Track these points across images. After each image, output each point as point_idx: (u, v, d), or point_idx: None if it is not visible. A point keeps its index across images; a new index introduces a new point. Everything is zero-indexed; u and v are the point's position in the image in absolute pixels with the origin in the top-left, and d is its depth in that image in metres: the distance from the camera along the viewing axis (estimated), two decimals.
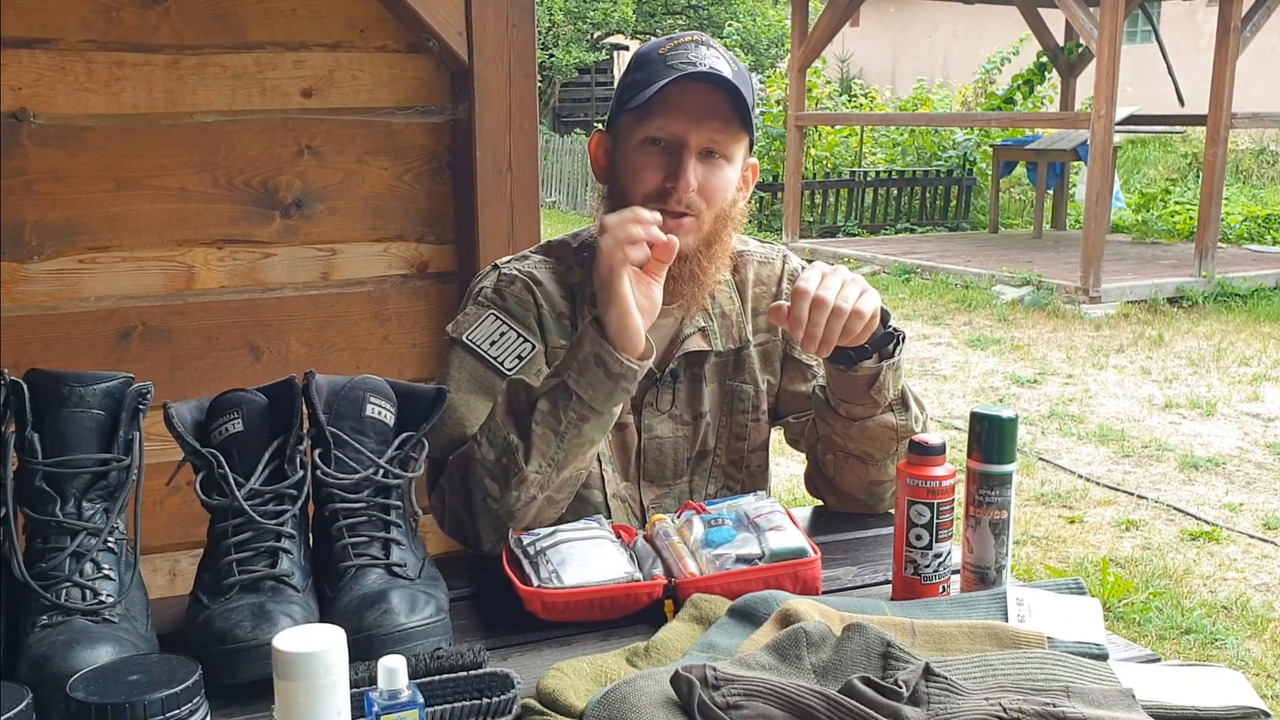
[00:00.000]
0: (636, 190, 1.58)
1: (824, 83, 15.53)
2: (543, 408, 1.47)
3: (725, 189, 1.59)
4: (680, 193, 1.55)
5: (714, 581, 1.31)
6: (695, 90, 1.53)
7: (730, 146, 1.58)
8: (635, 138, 1.59)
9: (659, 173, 1.56)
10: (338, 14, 2.24)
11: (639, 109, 1.55)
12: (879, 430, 1.59)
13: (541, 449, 1.47)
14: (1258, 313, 8.56)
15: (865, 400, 1.56)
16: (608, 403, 1.48)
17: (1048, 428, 5.93)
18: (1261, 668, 3.45)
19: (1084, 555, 4.29)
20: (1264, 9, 9.04)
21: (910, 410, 1.60)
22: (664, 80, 1.52)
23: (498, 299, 1.65)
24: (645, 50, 1.62)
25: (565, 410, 1.46)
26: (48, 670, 1.08)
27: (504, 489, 1.48)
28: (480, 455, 1.50)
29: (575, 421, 1.47)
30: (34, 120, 2.06)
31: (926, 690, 1.01)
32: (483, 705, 1.08)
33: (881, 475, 1.64)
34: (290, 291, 2.28)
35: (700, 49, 1.57)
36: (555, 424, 1.47)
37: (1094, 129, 8.61)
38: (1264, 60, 14.17)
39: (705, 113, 1.54)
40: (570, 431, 1.47)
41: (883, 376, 1.54)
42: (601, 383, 1.46)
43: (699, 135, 1.55)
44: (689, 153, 1.55)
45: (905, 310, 8.83)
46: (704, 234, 1.59)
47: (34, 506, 1.19)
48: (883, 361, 1.54)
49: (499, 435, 1.49)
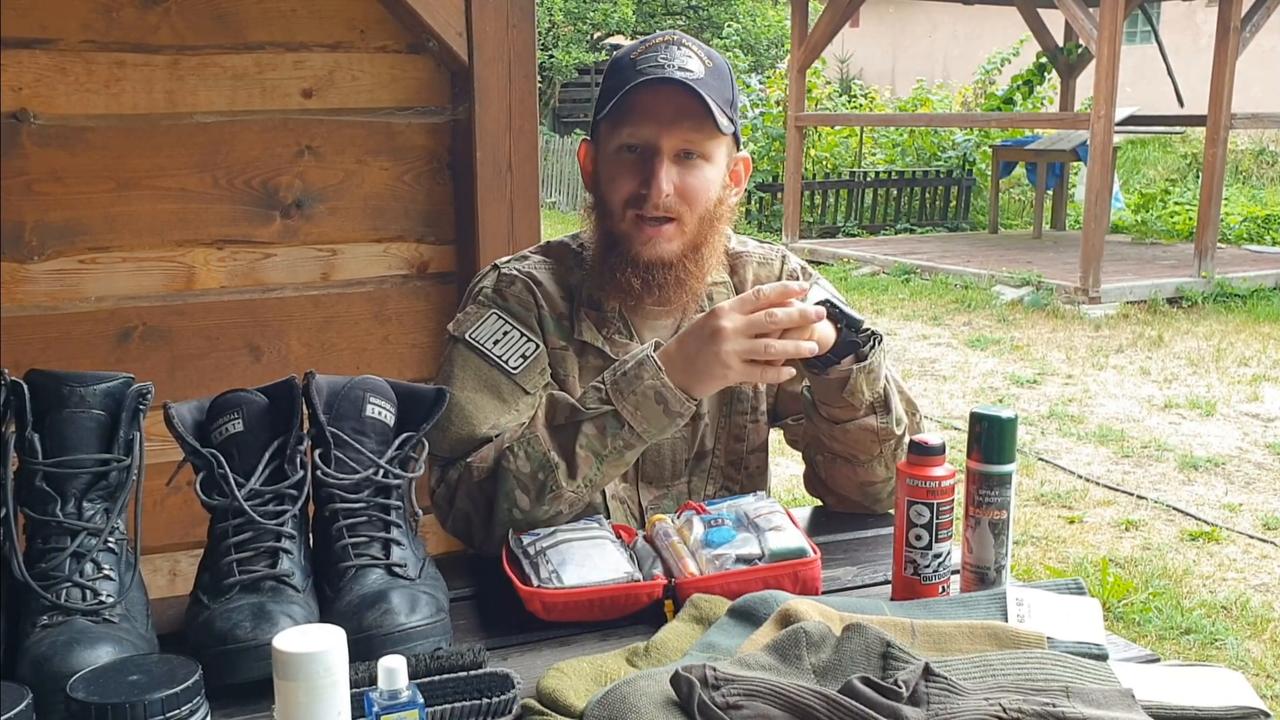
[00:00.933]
0: (615, 198, 1.58)
1: (824, 83, 15.52)
2: (588, 431, 1.47)
3: (705, 189, 1.58)
4: (654, 198, 1.54)
5: (714, 582, 1.31)
6: (663, 94, 1.53)
7: (706, 145, 1.57)
8: (611, 146, 1.59)
9: (634, 180, 1.56)
10: (338, 14, 2.24)
11: (611, 117, 1.56)
12: (860, 433, 1.58)
13: (584, 471, 1.49)
14: (1257, 313, 8.56)
15: (841, 403, 1.56)
16: (660, 435, 1.50)
17: (1047, 428, 5.93)
18: (1261, 668, 3.45)
19: (1084, 555, 4.29)
20: (1263, 9, 9.04)
21: (892, 413, 1.58)
22: (628, 86, 1.52)
23: (499, 299, 1.65)
24: (619, 56, 1.62)
25: (614, 437, 1.47)
26: (48, 670, 1.08)
27: (536, 503, 1.49)
28: (515, 468, 1.49)
29: (621, 449, 1.49)
30: (34, 120, 2.06)
31: (926, 690, 1.02)
32: (483, 705, 1.08)
33: (870, 476, 1.64)
34: (290, 292, 2.28)
35: (671, 49, 1.56)
36: (600, 448, 1.48)
37: (1093, 129, 8.62)
38: (1263, 60, 14.18)
39: (675, 116, 1.53)
40: (613, 456, 1.49)
41: (854, 380, 1.53)
42: (658, 418, 1.47)
43: (671, 139, 1.54)
44: (661, 158, 1.54)
45: (905, 310, 8.83)
46: (688, 237, 1.58)
47: (34, 507, 1.19)
48: (854, 365, 1.53)
49: (538, 451, 1.49)
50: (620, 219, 1.59)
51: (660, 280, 1.57)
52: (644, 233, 1.56)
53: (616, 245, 1.59)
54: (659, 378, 1.46)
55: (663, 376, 1.46)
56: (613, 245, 1.60)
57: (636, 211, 1.56)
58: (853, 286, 9.74)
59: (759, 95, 14.65)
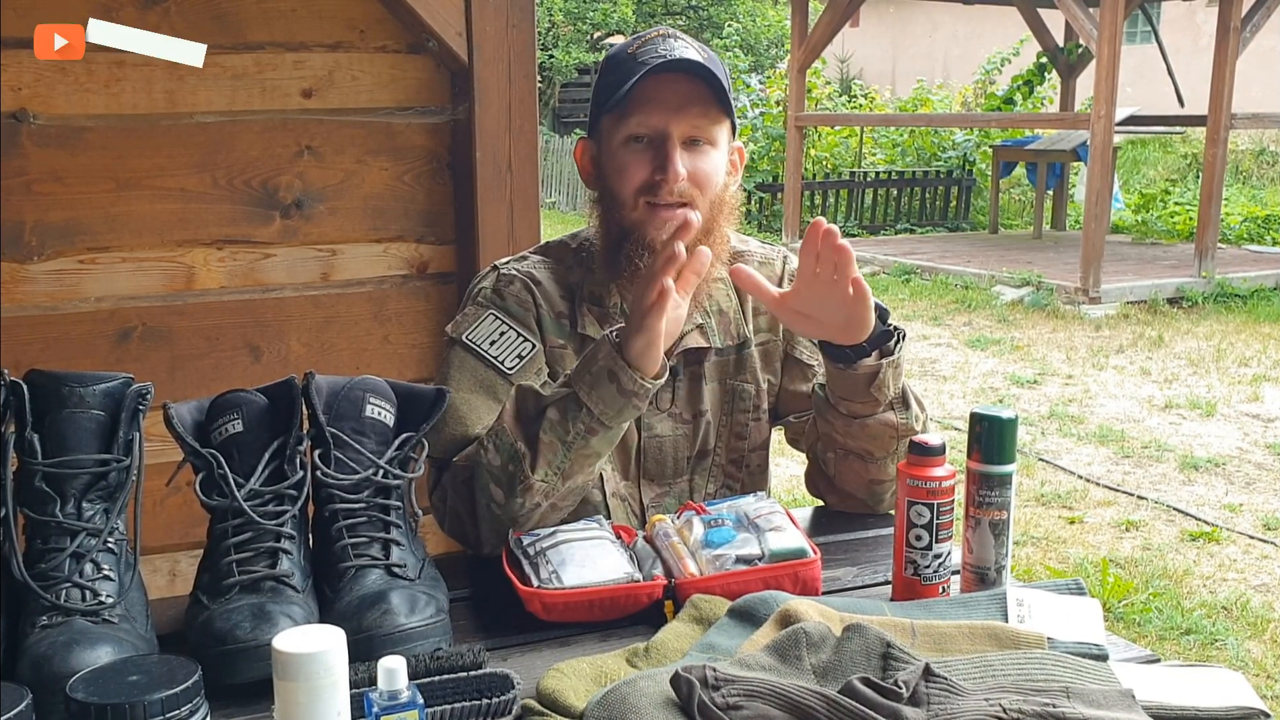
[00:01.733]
0: (626, 188, 1.58)
1: (824, 83, 15.52)
2: (551, 416, 1.46)
3: (715, 174, 1.60)
4: (670, 183, 1.55)
5: (714, 582, 1.31)
6: (670, 81, 1.54)
7: (713, 131, 1.58)
8: (618, 138, 1.59)
9: (646, 167, 1.56)
10: (338, 14, 2.24)
11: (617, 109, 1.56)
12: (879, 428, 1.58)
13: (548, 458, 1.46)
14: (1257, 313, 8.56)
15: (865, 398, 1.55)
16: (617, 418, 1.47)
17: (1047, 428, 5.93)
18: (1261, 668, 3.45)
19: (1084, 556, 4.29)
20: (1263, 9, 9.04)
21: (911, 409, 1.59)
22: (636, 75, 1.53)
23: (497, 299, 1.65)
24: (615, 52, 1.63)
25: (574, 421, 1.45)
26: (47, 671, 1.08)
27: (509, 495, 1.48)
28: (486, 460, 1.49)
29: (583, 434, 1.46)
30: (34, 120, 2.06)
31: (926, 691, 1.02)
32: (482, 706, 1.08)
33: (881, 474, 1.64)
34: (290, 292, 2.28)
35: (668, 41, 1.57)
36: (563, 434, 1.46)
37: (1094, 129, 8.62)
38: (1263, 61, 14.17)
39: (684, 101, 1.55)
40: (578, 443, 1.47)
41: (883, 374, 1.53)
42: (613, 398, 1.44)
43: (680, 125, 1.55)
44: (673, 143, 1.55)
45: (905, 311, 8.82)
46: (702, 223, 1.58)
47: (34, 507, 1.19)
48: (883, 359, 1.53)
49: (506, 442, 1.48)
50: (633, 208, 1.58)
51: None
52: (659, 216, 1.56)
53: (629, 234, 1.59)
54: (611, 356, 1.43)
55: (615, 355, 1.42)
56: (625, 235, 1.59)
57: (649, 199, 1.56)
58: None
59: (759, 95, 14.65)
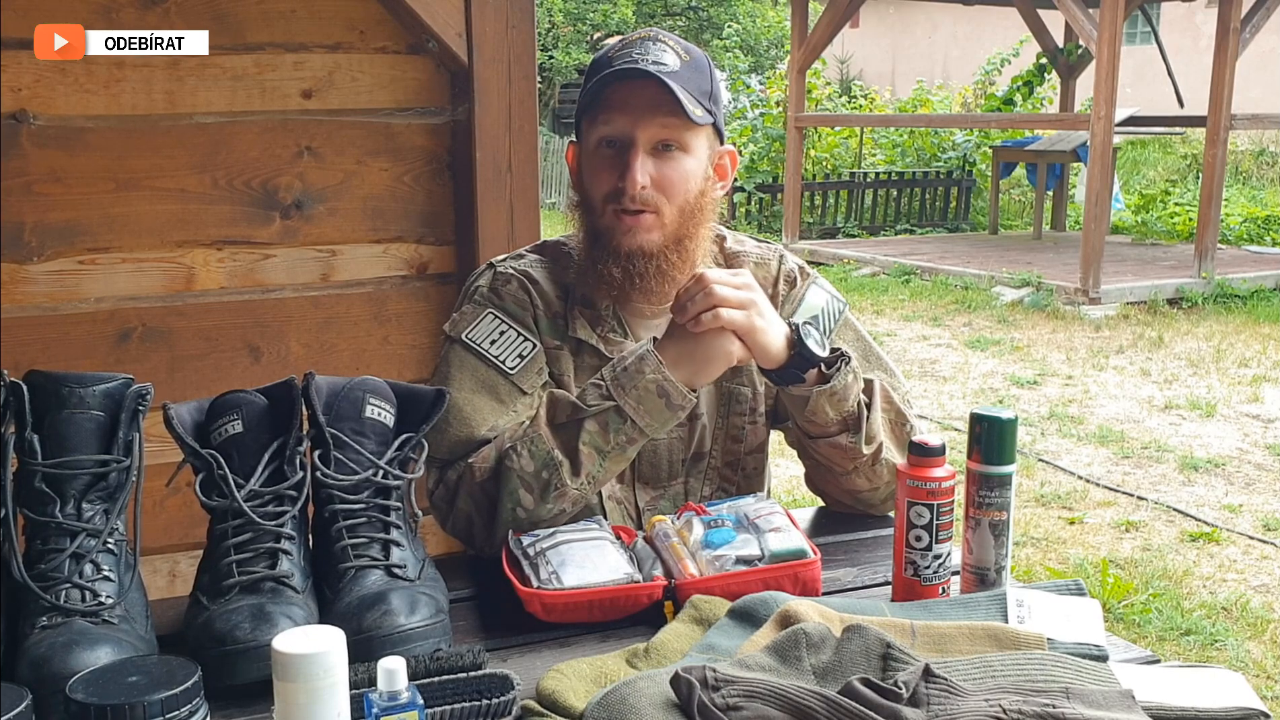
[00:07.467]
0: (595, 194, 1.59)
1: (824, 84, 15.52)
2: (590, 428, 1.48)
3: (684, 181, 1.57)
4: (630, 190, 1.54)
5: (714, 583, 1.31)
6: (637, 86, 1.54)
7: (684, 136, 1.57)
8: (591, 141, 1.60)
9: (612, 174, 1.57)
10: (337, 15, 2.24)
11: (590, 113, 1.58)
12: (829, 449, 1.59)
13: (587, 467, 1.49)
14: (1257, 314, 8.56)
15: (804, 421, 1.57)
16: (662, 429, 1.52)
17: (1047, 429, 5.93)
18: (1261, 669, 3.45)
19: (1084, 556, 4.29)
20: (1263, 10, 9.04)
21: (862, 433, 1.56)
22: (604, 79, 1.54)
23: (495, 298, 1.65)
24: (599, 54, 1.63)
25: (616, 433, 1.49)
26: (47, 671, 1.08)
27: (540, 501, 1.49)
28: (519, 466, 1.49)
29: (624, 444, 1.50)
30: (34, 121, 2.06)
31: (926, 691, 1.02)
32: (482, 706, 1.08)
33: (852, 486, 1.64)
34: (290, 292, 2.28)
35: (648, 45, 1.57)
36: (603, 444, 1.49)
37: (1093, 130, 8.62)
38: (1263, 61, 14.19)
39: (649, 107, 1.54)
40: (615, 452, 1.50)
41: (814, 402, 1.53)
42: (660, 412, 1.49)
43: (646, 131, 1.55)
44: (635, 150, 1.55)
45: (905, 311, 8.83)
46: (668, 230, 1.57)
47: (33, 508, 1.19)
48: (814, 387, 1.53)
49: (542, 449, 1.49)
50: (601, 214, 1.59)
51: (640, 270, 1.57)
52: (623, 223, 1.57)
53: (599, 239, 1.60)
54: (660, 371, 1.48)
55: (664, 370, 1.48)
56: (596, 240, 1.60)
57: (615, 206, 1.57)
58: (853, 287, 9.74)
59: (759, 96, 14.65)
